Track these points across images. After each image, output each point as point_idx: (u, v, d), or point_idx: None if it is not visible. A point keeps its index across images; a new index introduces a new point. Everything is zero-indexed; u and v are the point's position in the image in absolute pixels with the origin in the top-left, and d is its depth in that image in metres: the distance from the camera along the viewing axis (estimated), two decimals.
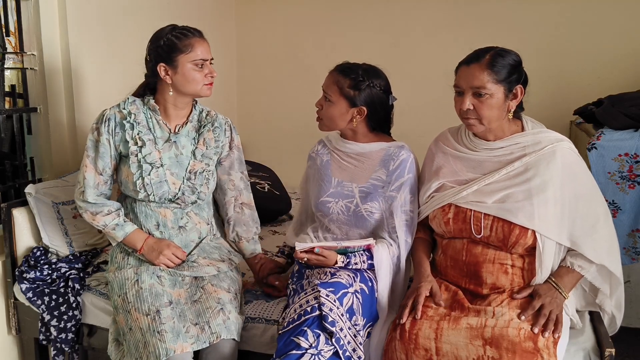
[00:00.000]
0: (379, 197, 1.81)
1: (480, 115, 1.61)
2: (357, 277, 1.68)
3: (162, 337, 1.63)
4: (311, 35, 3.62)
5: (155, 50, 1.78)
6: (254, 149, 3.83)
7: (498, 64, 1.59)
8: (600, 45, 3.06)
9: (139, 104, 1.85)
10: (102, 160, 1.82)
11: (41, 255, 2.14)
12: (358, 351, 1.59)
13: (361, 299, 1.64)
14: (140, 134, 1.81)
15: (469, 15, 3.28)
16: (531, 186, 1.59)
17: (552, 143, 1.62)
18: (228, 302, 1.77)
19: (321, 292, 1.56)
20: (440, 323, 1.52)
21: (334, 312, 1.54)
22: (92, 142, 1.83)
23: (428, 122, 2.65)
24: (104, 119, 1.82)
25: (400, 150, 1.83)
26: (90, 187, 1.82)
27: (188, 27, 1.81)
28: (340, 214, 1.84)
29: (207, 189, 1.89)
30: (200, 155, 1.87)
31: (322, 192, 1.88)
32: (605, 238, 1.62)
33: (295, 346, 1.51)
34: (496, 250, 1.63)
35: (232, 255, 1.99)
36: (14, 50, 2.30)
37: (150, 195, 1.81)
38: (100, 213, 1.83)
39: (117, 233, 1.83)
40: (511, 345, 1.43)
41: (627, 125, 2.24)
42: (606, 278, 1.66)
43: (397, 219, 1.79)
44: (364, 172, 1.85)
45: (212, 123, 1.91)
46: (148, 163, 1.80)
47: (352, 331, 1.58)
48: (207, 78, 1.80)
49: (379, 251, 1.75)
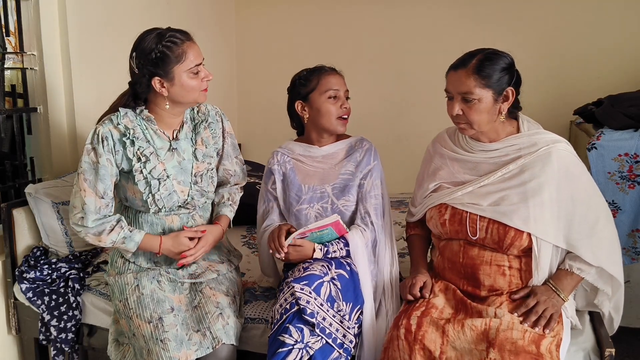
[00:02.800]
0: (351, 189, 1.87)
1: (470, 120, 1.60)
2: (332, 265, 1.70)
3: (166, 346, 1.62)
4: (311, 35, 3.62)
5: (147, 64, 1.65)
6: (254, 149, 3.83)
7: (485, 68, 1.57)
8: (600, 45, 3.06)
9: (132, 115, 1.74)
10: (103, 182, 1.68)
11: (41, 255, 2.14)
12: (349, 336, 1.61)
13: (340, 285, 1.66)
14: (142, 149, 1.72)
15: (469, 15, 3.28)
16: (527, 188, 1.59)
17: (547, 144, 1.61)
18: (227, 306, 1.76)
19: (295, 287, 1.58)
20: (446, 327, 1.52)
21: (311, 304, 1.56)
22: (88, 164, 1.68)
23: (428, 123, 2.65)
24: (100, 138, 1.68)
25: (362, 141, 1.94)
26: (91, 213, 1.68)
27: (174, 33, 1.68)
28: (318, 217, 1.85)
29: (212, 187, 1.87)
30: (202, 156, 1.84)
31: (294, 202, 1.89)
32: (605, 241, 1.61)
33: (281, 344, 1.53)
34: (493, 252, 1.63)
35: (232, 256, 1.98)
36: (14, 50, 2.31)
37: (161, 209, 1.76)
38: (103, 233, 1.70)
39: (128, 245, 1.73)
40: (514, 348, 1.42)
41: (626, 125, 2.24)
42: (607, 280, 1.65)
43: (368, 203, 1.85)
44: (333, 171, 1.91)
45: (206, 119, 1.86)
46: (155, 179, 1.73)
47: (337, 318, 1.61)
48: (203, 83, 1.73)
49: (354, 237, 1.79)
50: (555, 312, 1.53)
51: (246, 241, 2.63)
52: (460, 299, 1.63)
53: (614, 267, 1.62)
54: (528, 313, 1.53)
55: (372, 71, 3.49)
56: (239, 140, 3.84)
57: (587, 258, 1.58)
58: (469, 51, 1.64)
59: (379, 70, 3.52)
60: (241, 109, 3.91)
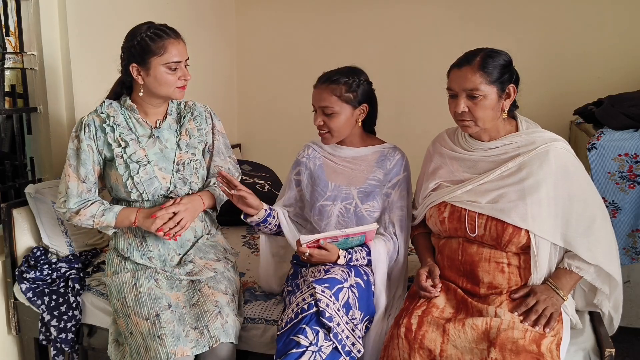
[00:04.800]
0: (377, 196, 1.85)
1: (475, 116, 1.62)
2: (352, 272, 1.70)
3: (163, 342, 1.63)
4: (311, 35, 3.62)
5: (129, 49, 1.75)
6: (254, 149, 3.83)
7: (489, 65, 1.59)
8: (600, 45, 3.06)
9: (116, 105, 1.83)
10: (84, 167, 1.77)
11: (41, 255, 2.14)
12: (357, 345, 1.60)
13: (357, 293, 1.65)
14: (122, 135, 1.79)
15: (469, 16, 3.28)
16: (524, 186, 1.60)
17: (545, 143, 1.63)
18: (226, 305, 1.77)
19: (316, 288, 1.57)
20: (447, 326, 1.52)
21: (330, 308, 1.55)
22: (72, 150, 1.79)
23: (428, 122, 2.65)
24: (83, 125, 1.78)
25: (394, 151, 1.91)
26: (73, 196, 1.77)
27: (164, 27, 1.76)
28: (340, 216, 1.86)
29: (197, 178, 1.88)
30: (185, 146, 1.87)
31: (320, 196, 1.89)
32: (602, 239, 1.62)
33: (295, 345, 1.52)
34: (491, 249, 1.64)
35: (229, 254, 1.98)
36: (14, 50, 2.30)
37: (143, 194, 1.79)
38: (83, 207, 1.78)
39: (107, 216, 1.77)
40: (515, 347, 1.43)
41: (627, 125, 2.24)
42: (606, 279, 1.66)
43: (393, 214, 1.85)
44: (361, 174, 1.88)
45: (192, 112, 1.91)
46: (135, 162, 1.78)
47: (349, 325, 1.60)
48: (180, 81, 1.77)
49: (377, 247, 1.78)
50: (555, 311, 1.54)
51: (246, 241, 2.63)
52: (461, 299, 1.63)
53: (611, 266, 1.62)
54: (528, 312, 1.53)
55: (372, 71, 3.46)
56: (238, 140, 3.87)
57: (584, 256, 1.58)
58: (468, 50, 1.65)
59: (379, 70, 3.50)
60: (241, 109, 3.91)
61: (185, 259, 1.86)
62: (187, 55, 1.79)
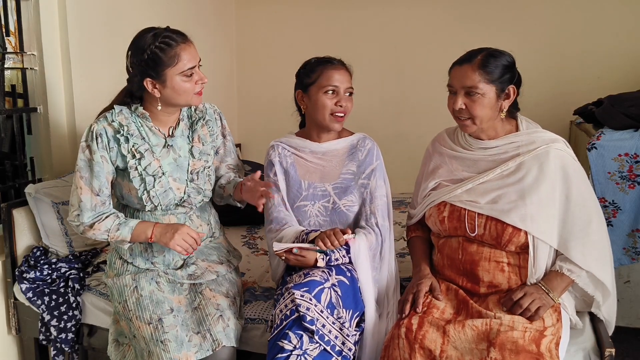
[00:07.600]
0: (353, 189, 1.83)
1: (473, 114, 1.62)
2: (333, 271, 1.68)
3: (166, 347, 1.62)
4: (311, 35, 3.63)
5: (139, 64, 1.64)
6: (254, 149, 3.83)
7: (490, 64, 1.60)
8: (600, 45, 3.06)
9: (127, 112, 1.73)
10: (98, 180, 1.68)
11: (41, 255, 2.14)
12: (348, 343, 1.60)
13: (340, 292, 1.64)
14: (136, 146, 1.71)
15: (469, 16, 3.28)
16: (524, 186, 1.60)
17: (546, 143, 1.63)
18: (227, 308, 1.76)
19: (295, 293, 1.57)
20: (447, 327, 1.52)
21: (311, 311, 1.55)
22: (84, 161, 1.69)
23: (428, 122, 2.65)
24: (94, 135, 1.67)
25: (364, 140, 1.89)
26: (87, 210, 1.68)
27: (170, 34, 1.65)
28: (319, 216, 1.84)
29: (209, 185, 1.86)
30: (198, 153, 1.82)
31: (296, 197, 1.86)
32: (596, 244, 1.61)
33: (280, 349, 1.53)
34: (491, 248, 1.64)
35: (232, 256, 1.96)
36: (14, 50, 2.31)
37: (157, 206, 1.75)
38: (97, 221, 1.69)
39: (123, 231, 1.70)
40: (515, 347, 1.43)
41: (627, 125, 2.24)
42: (598, 286, 1.64)
43: (374, 204, 1.82)
44: (334, 170, 1.86)
45: (204, 117, 1.85)
46: (150, 175, 1.72)
47: (337, 325, 1.59)
48: (197, 86, 1.69)
49: (356, 242, 1.74)
50: (542, 306, 1.54)
51: (246, 241, 2.63)
52: (462, 300, 1.63)
53: (603, 273, 1.61)
54: (514, 305, 1.54)
55: (372, 71, 3.49)
56: (238, 140, 3.87)
57: (576, 259, 1.58)
58: (472, 49, 1.66)
59: (379, 70, 3.52)
60: (241, 109, 3.91)
61: (188, 262, 1.85)
62: (198, 56, 1.71)
